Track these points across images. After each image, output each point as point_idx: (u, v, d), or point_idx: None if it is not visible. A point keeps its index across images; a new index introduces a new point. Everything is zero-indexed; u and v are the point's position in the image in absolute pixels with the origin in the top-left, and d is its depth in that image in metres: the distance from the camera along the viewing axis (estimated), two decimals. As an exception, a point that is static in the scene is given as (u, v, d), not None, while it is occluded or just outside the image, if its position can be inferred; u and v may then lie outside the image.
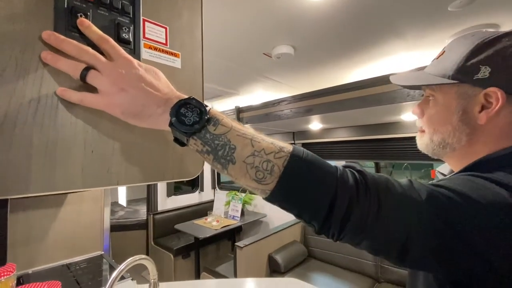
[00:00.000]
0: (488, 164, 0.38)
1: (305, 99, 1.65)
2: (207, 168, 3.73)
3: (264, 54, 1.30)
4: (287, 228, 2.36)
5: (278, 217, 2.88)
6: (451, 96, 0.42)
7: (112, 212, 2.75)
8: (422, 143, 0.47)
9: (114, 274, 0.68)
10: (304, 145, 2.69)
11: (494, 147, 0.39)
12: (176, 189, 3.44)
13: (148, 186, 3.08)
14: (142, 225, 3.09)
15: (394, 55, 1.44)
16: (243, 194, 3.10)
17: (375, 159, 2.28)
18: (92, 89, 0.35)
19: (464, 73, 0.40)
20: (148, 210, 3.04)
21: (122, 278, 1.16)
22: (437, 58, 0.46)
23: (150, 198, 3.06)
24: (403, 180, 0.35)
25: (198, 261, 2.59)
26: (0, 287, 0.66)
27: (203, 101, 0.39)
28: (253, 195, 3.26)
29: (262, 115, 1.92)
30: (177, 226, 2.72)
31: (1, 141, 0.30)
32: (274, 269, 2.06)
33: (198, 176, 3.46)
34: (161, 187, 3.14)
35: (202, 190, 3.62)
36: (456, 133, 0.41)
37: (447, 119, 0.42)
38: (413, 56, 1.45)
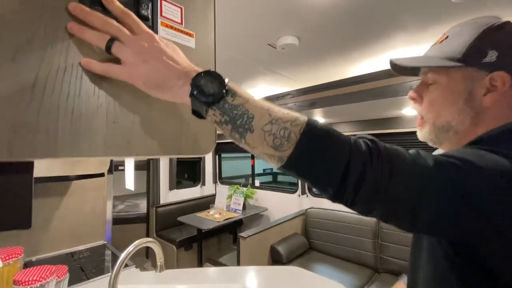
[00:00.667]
0: (488, 139, 0.39)
1: (309, 93, 1.67)
2: (208, 163, 3.76)
3: (268, 44, 1.31)
4: (288, 220, 2.39)
5: (279, 211, 2.91)
6: (457, 79, 0.42)
7: (112, 206, 2.78)
8: (425, 132, 0.47)
9: (123, 254, 0.70)
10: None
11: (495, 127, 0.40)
12: (178, 183, 3.47)
13: (148, 179, 3.11)
14: (142, 219, 3.12)
15: (397, 49, 1.45)
16: (245, 189, 3.13)
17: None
18: (115, 62, 0.37)
19: (471, 57, 0.41)
20: (148, 204, 3.07)
21: (126, 265, 1.17)
22: (439, 42, 0.47)
23: (153, 191, 3.09)
24: (411, 150, 0.37)
25: (201, 252, 2.63)
26: (8, 269, 0.69)
27: None
28: (254, 190, 3.28)
29: (265, 108, 1.94)
30: (180, 218, 2.76)
31: (32, 105, 0.32)
32: (276, 259, 2.09)
33: (200, 170, 3.48)
34: (164, 180, 3.17)
35: (203, 184, 3.65)
36: (460, 115, 0.42)
37: (451, 101, 0.43)
38: (415, 50, 1.46)
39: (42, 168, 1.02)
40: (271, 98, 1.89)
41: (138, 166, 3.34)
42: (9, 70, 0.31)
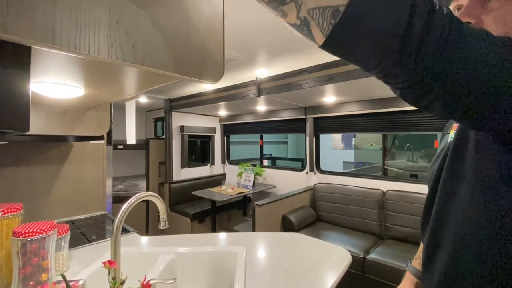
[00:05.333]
0: None
1: (327, 69, 1.77)
2: (217, 144, 3.88)
3: None
4: (298, 194, 2.56)
5: (287, 188, 3.07)
6: None
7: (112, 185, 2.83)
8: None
9: (125, 206, 0.69)
10: (316, 119, 2.84)
11: None
12: (188, 162, 3.62)
13: (147, 159, 3.19)
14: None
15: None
16: (254, 167, 3.27)
17: (384, 131, 2.44)
18: None
19: None
20: (148, 184, 3.21)
21: (128, 231, 1.21)
22: None
23: (166, 168, 3.23)
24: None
25: (214, 223, 2.81)
26: (7, 222, 0.68)
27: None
28: (263, 168, 3.43)
29: (283, 85, 2.04)
30: (195, 192, 2.92)
31: None
32: (288, 227, 2.26)
33: (210, 150, 3.59)
34: (176, 159, 3.31)
35: (213, 163, 3.79)
36: None
37: None
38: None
39: (41, 125, 1.02)
40: (289, 74, 1.99)
41: (138, 146, 3.45)
42: None
